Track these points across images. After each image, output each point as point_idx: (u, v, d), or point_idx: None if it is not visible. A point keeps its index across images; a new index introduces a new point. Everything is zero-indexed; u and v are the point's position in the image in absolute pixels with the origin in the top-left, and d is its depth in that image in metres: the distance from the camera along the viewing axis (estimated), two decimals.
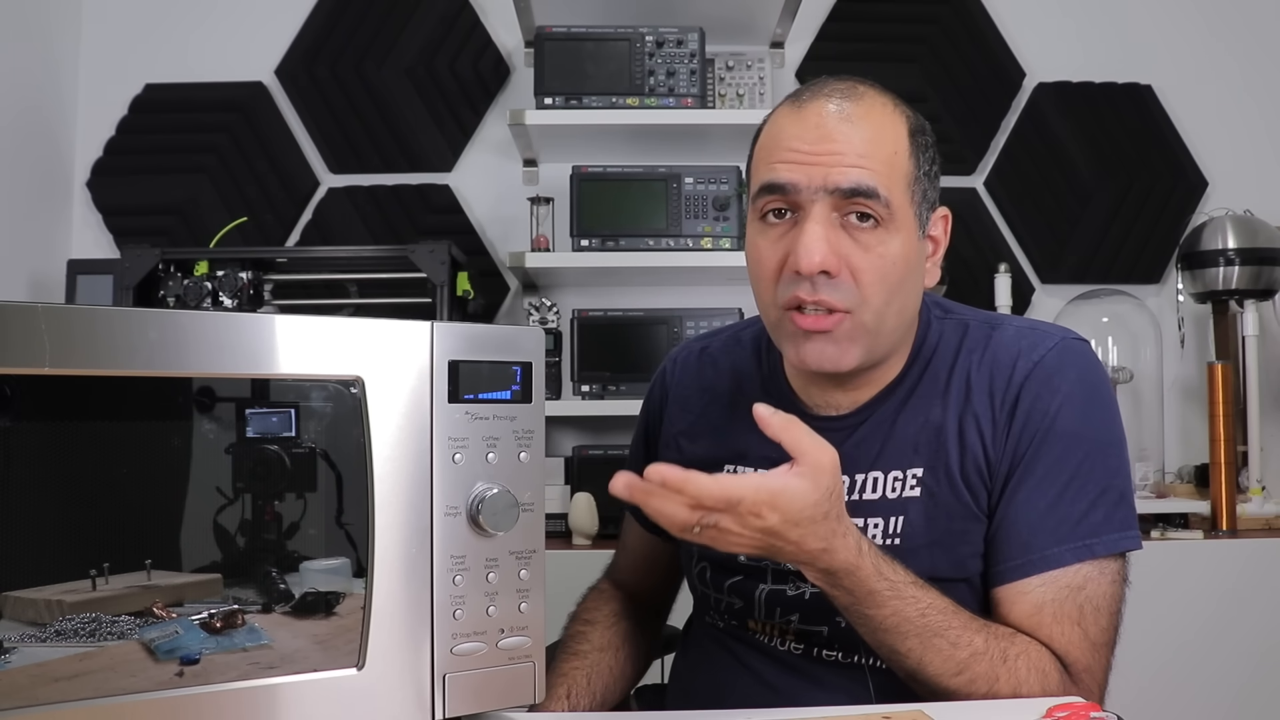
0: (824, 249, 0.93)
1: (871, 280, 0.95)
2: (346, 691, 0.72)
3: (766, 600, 1.05)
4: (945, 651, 0.90)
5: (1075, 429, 0.97)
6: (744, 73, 2.55)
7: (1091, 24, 2.70)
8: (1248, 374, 2.39)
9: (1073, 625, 0.94)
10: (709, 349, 1.20)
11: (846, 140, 0.94)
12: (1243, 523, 2.26)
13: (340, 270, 2.30)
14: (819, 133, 0.95)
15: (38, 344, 0.62)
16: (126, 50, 2.60)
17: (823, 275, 0.94)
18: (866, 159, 0.94)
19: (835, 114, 0.96)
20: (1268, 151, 2.68)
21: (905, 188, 0.97)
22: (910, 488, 1.00)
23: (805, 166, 0.94)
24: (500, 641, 0.79)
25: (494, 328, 0.82)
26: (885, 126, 0.97)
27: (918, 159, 0.99)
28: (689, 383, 1.19)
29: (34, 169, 2.45)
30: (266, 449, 0.71)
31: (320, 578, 0.72)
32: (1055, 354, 1.00)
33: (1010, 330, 1.04)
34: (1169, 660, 2.08)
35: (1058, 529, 0.95)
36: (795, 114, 0.98)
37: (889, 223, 0.95)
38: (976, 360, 1.01)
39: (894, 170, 0.96)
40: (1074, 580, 0.95)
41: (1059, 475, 0.96)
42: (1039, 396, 0.98)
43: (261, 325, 0.71)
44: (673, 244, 2.30)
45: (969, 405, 1.00)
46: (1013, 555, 0.96)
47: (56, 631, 0.63)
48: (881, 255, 0.95)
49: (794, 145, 0.96)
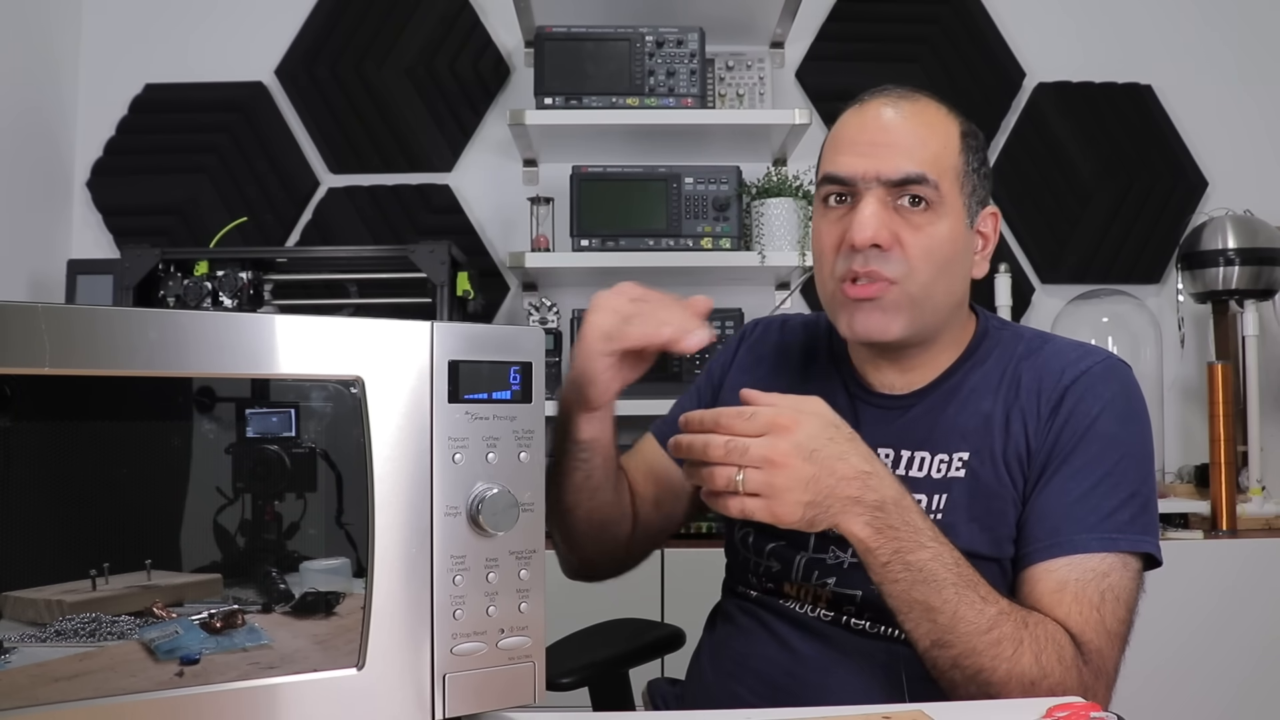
0: (875, 224, 1.02)
1: (919, 255, 1.04)
2: (346, 691, 0.72)
3: (805, 565, 1.09)
4: (977, 606, 0.91)
5: (1113, 433, 1.03)
6: (744, 73, 2.55)
7: (1091, 24, 2.70)
8: (1248, 374, 2.39)
9: (1092, 608, 0.96)
10: (790, 323, 1.29)
11: (898, 134, 1.05)
12: (1243, 523, 2.26)
13: (340, 270, 2.30)
14: (875, 127, 1.06)
15: (38, 344, 0.62)
16: (126, 50, 2.60)
17: (874, 249, 1.03)
18: (916, 150, 1.04)
19: (890, 111, 1.07)
20: (1268, 151, 2.68)
21: (954, 179, 1.06)
22: (955, 469, 1.06)
23: (861, 159, 1.05)
24: (500, 641, 0.79)
25: (494, 328, 0.82)
26: (936, 124, 1.07)
27: (967, 156, 1.08)
28: (768, 341, 1.27)
29: (34, 169, 2.45)
30: (266, 449, 0.70)
31: (320, 578, 0.72)
32: (1102, 367, 1.07)
33: (1062, 344, 1.12)
34: (1169, 660, 2.08)
35: (1086, 518, 0.99)
36: (856, 113, 1.09)
37: (938, 206, 1.04)
38: (1029, 364, 1.09)
39: (942, 162, 1.05)
40: (1098, 567, 0.98)
41: (1093, 472, 1.01)
42: (1082, 399, 1.04)
43: (261, 325, 0.71)
44: (673, 244, 2.30)
45: (1017, 400, 1.06)
46: (1042, 538, 1.00)
47: (56, 631, 0.63)
48: (930, 234, 1.04)
49: (853, 139, 1.07)
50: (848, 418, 1.04)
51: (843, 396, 1.15)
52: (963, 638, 0.91)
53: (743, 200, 2.35)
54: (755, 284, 2.53)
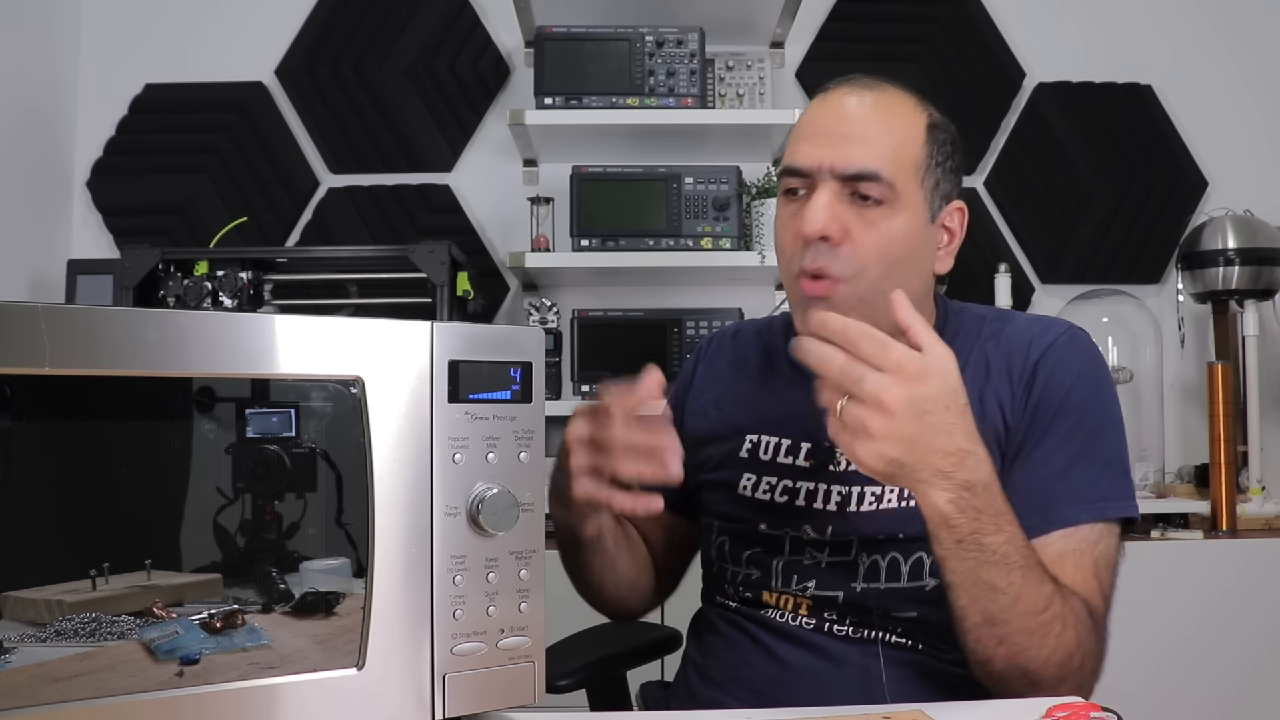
0: (825, 216, 1.00)
1: (870, 252, 1.01)
2: (346, 691, 0.72)
3: (784, 570, 1.09)
4: (1037, 586, 0.90)
5: (1086, 404, 1.03)
6: (744, 73, 2.55)
7: (1091, 24, 2.70)
8: (1248, 374, 2.39)
9: (1090, 575, 0.98)
10: (742, 331, 1.28)
11: (858, 125, 1.02)
12: (1243, 523, 2.26)
13: (340, 270, 2.30)
14: (834, 118, 1.03)
15: (38, 344, 0.62)
16: (126, 50, 2.60)
17: (824, 242, 1.01)
18: (873, 144, 1.01)
19: (853, 101, 1.04)
20: (1268, 151, 2.68)
21: (913, 173, 1.03)
22: None
23: (818, 150, 1.02)
24: (500, 641, 0.78)
25: (494, 328, 0.82)
26: (898, 116, 1.04)
27: (931, 149, 1.05)
28: (722, 358, 1.25)
29: (34, 169, 2.45)
30: (266, 449, 0.70)
31: (320, 578, 0.72)
32: (1066, 338, 1.07)
33: (1021, 320, 1.12)
34: (1169, 660, 2.08)
35: (1072, 491, 1.00)
36: (820, 102, 1.07)
37: (893, 202, 1.01)
38: (993, 345, 1.08)
39: (901, 155, 1.02)
40: (1089, 535, 0.99)
41: (1071, 444, 1.02)
42: (1054, 372, 1.04)
43: (261, 325, 0.71)
44: (673, 244, 2.30)
45: (989, 383, 1.06)
46: (1032, 513, 0.98)
47: (56, 631, 0.63)
48: (883, 231, 1.01)
49: (813, 129, 1.04)
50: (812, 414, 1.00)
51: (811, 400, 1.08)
52: (1019, 616, 0.90)
53: (743, 200, 2.35)
54: (755, 284, 2.53)
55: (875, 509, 1.05)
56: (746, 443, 1.15)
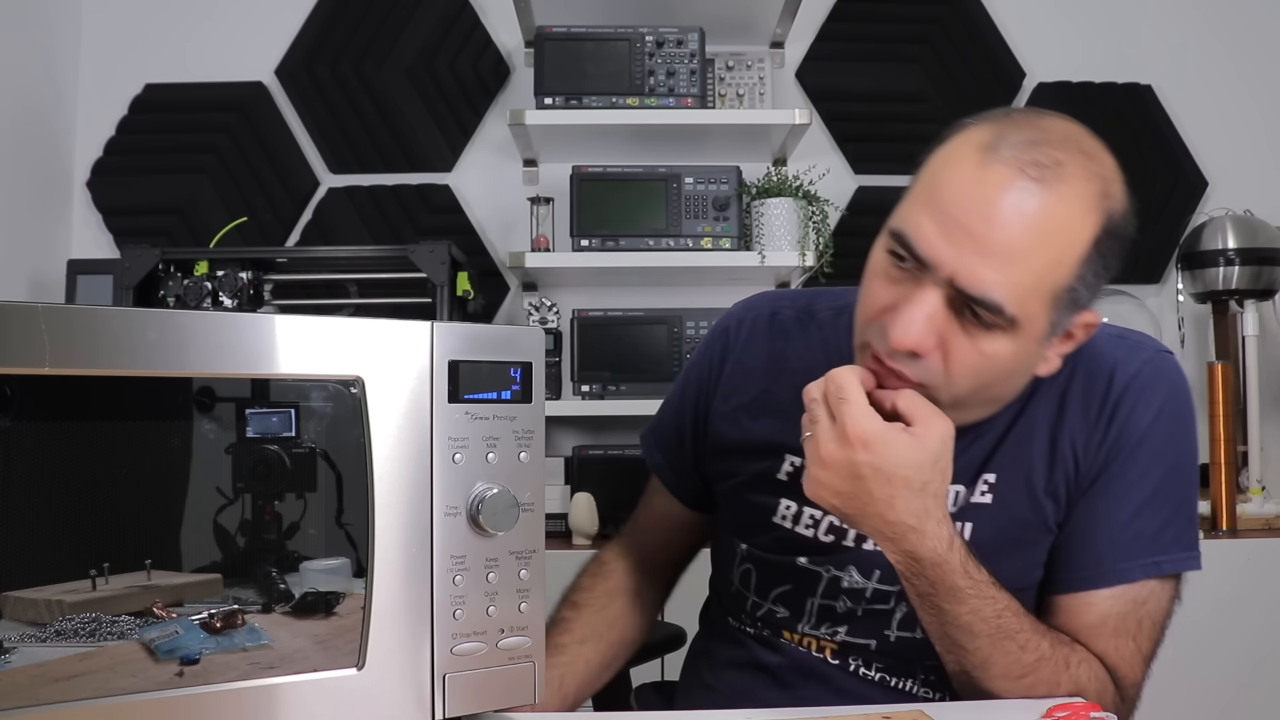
0: (919, 334, 0.84)
1: (962, 372, 0.86)
2: (346, 691, 0.72)
3: (817, 612, 1.01)
4: (1013, 654, 0.88)
5: (1161, 447, 0.96)
6: (744, 73, 2.55)
7: (1091, 24, 2.70)
8: (1248, 374, 2.39)
9: (1129, 639, 0.95)
10: (779, 316, 1.10)
11: (1004, 232, 0.82)
12: (1243, 523, 2.26)
13: (340, 270, 2.30)
14: (982, 209, 0.82)
15: (38, 344, 0.62)
16: (126, 50, 2.60)
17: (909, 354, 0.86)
18: (1013, 266, 0.82)
19: (1013, 192, 0.82)
20: (1268, 151, 2.68)
21: (1048, 299, 0.85)
22: (981, 494, 0.97)
23: (944, 243, 0.83)
24: (500, 641, 0.78)
25: (494, 328, 0.82)
26: (1063, 229, 0.84)
27: (1085, 269, 0.86)
28: (758, 349, 1.08)
29: (34, 169, 2.45)
30: (266, 449, 0.70)
31: (320, 578, 0.72)
32: (1151, 367, 0.98)
33: (1102, 338, 0.98)
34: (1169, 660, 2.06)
35: (1131, 545, 0.94)
36: (977, 172, 0.84)
37: (1010, 330, 0.84)
38: (1069, 371, 0.96)
39: (1041, 283, 0.84)
40: (1139, 595, 0.95)
41: (1140, 491, 0.95)
42: (1134, 410, 0.95)
43: (261, 325, 0.71)
44: (673, 244, 2.30)
45: (1063, 418, 0.96)
46: (1084, 565, 0.95)
47: (56, 631, 0.63)
48: (984, 354, 0.85)
49: (950, 209, 0.83)
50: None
51: None
52: (994, 679, 0.89)
53: (743, 200, 2.35)
54: (755, 284, 2.53)
55: None
56: (787, 464, 1.03)
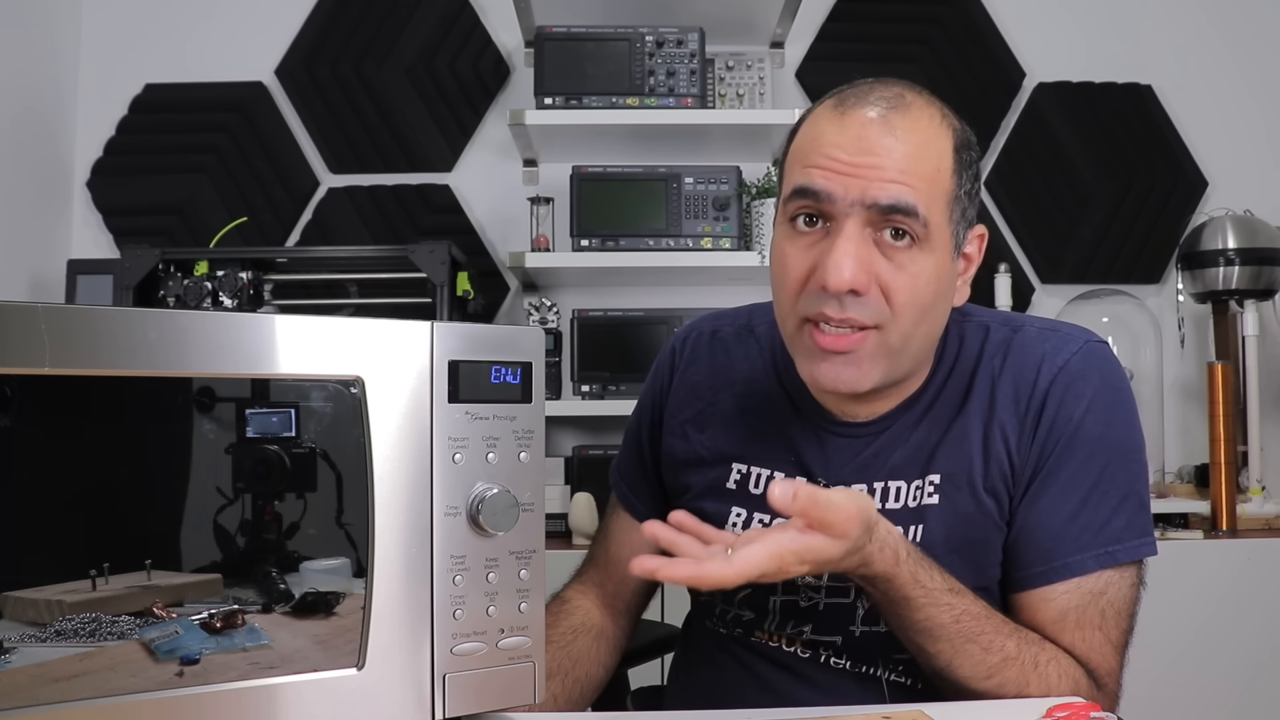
0: (855, 267, 0.89)
1: (904, 300, 0.91)
2: (346, 691, 0.72)
3: (780, 610, 1.03)
4: (976, 656, 0.90)
5: (1099, 435, 0.96)
6: (744, 73, 2.55)
7: (1091, 24, 2.70)
8: (1248, 374, 2.39)
9: (1094, 630, 0.94)
10: (720, 333, 1.14)
11: (888, 153, 0.90)
12: (1243, 523, 2.26)
13: (340, 270, 2.30)
14: (860, 143, 0.90)
15: (38, 344, 0.62)
16: (126, 50, 2.60)
17: (850, 294, 0.90)
18: (908, 174, 0.90)
19: (879, 123, 0.91)
20: (1268, 151, 2.68)
21: (944, 206, 0.92)
22: (929, 494, 0.98)
23: (843, 177, 0.90)
24: (500, 641, 0.78)
25: (494, 328, 0.82)
26: (930, 141, 0.92)
27: (960, 176, 0.94)
28: (700, 366, 1.12)
29: (34, 169, 2.45)
30: (267, 449, 0.70)
31: (320, 578, 0.72)
32: (1080, 359, 0.98)
33: (1032, 332, 1.01)
34: (1169, 660, 2.08)
35: (1080, 536, 0.95)
36: (837, 119, 0.92)
37: (925, 242, 0.91)
38: (999, 365, 0.99)
39: (935, 187, 0.91)
40: (1096, 586, 0.95)
41: (1082, 482, 0.95)
42: (1064, 402, 0.96)
43: (261, 325, 0.71)
44: (673, 244, 2.30)
45: (994, 414, 0.97)
46: (1036, 562, 0.95)
47: (57, 631, 0.63)
48: (915, 275, 0.91)
49: (832, 152, 0.91)
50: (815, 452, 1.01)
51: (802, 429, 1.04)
52: (962, 680, 0.90)
53: (743, 200, 2.35)
54: (755, 284, 2.53)
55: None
56: (734, 473, 1.06)
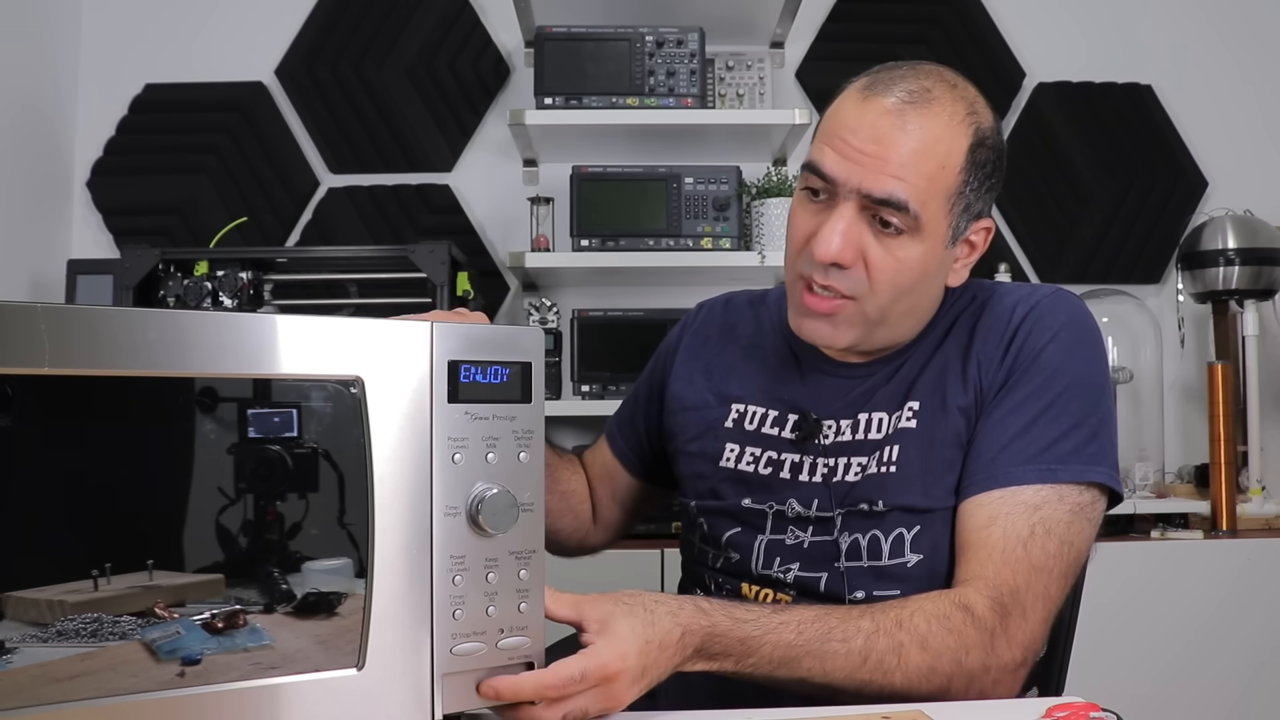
0: (840, 244, 0.98)
1: (884, 280, 1.00)
2: (346, 691, 0.72)
3: (766, 550, 1.08)
4: (840, 652, 0.89)
5: (1058, 363, 1.01)
6: (744, 73, 2.55)
7: (1091, 24, 2.70)
8: (1248, 374, 2.39)
9: (1019, 544, 0.95)
10: (735, 300, 1.28)
11: (895, 147, 0.97)
12: (1243, 523, 2.26)
13: (340, 270, 2.30)
14: (872, 131, 0.98)
15: (38, 344, 0.62)
16: (126, 50, 2.60)
17: (835, 266, 0.99)
18: (908, 170, 0.97)
19: (894, 115, 0.98)
20: (1268, 151, 2.68)
21: (944, 201, 1.00)
22: (907, 419, 1.05)
23: (847, 163, 0.98)
24: (500, 641, 0.79)
25: (494, 328, 0.82)
26: (942, 138, 0.99)
27: (969, 173, 1.01)
28: (712, 323, 1.26)
29: (34, 169, 2.45)
30: (269, 449, 0.71)
31: (322, 578, 0.72)
32: (1050, 299, 1.06)
33: (1010, 286, 1.12)
34: (1169, 660, 2.08)
35: (1024, 450, 0.98)
36: (860, 101, 1.00)
37: (915, 233, 0.99)
38: (980, 309, 1.08)
39: (935, 184, 0.99)
40: (1032, 499, 0.97)
41: (1035, 403, 1.00)
42: (1031, 332, 1.03)
43: (261, 325, 0.71)
44: (673, 244, 2.30)
45: (972, 346, 1.05)
46: (978, 470, 1.00)
47: (58, 632, 0.63)
48: (900, 259, 1.00)
49: (846, 135, 0.99)
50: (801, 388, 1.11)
51: (800, 372, 1.13)
52: (845, 681, 0.90)
53: (743, 200, 2.35)
54: (755, 284, 2.51)
55: (859, 477, 1.05)
56: (732, 412, 1.15)
